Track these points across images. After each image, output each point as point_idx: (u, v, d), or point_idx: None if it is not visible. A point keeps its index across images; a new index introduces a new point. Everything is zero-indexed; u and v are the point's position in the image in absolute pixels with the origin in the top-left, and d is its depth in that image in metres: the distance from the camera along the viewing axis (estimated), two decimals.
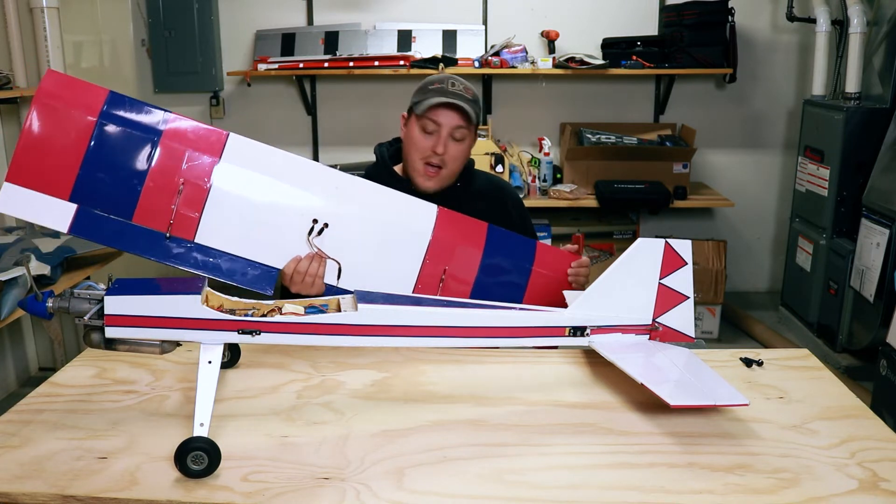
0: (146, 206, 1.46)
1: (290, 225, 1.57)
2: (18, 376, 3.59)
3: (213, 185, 1.50)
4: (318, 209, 1.59)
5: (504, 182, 2.21)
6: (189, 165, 1.48)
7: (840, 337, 3.66)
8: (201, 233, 1.50)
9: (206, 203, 1.50)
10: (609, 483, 1.15)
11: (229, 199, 1.51)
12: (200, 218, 1.50)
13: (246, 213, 1.54)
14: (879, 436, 1.29)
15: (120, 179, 1.45)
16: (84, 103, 1.44)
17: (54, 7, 3.36)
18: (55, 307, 1.23)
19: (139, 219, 1.46)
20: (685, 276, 1.47)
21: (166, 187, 1.47)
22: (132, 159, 1.46)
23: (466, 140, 1.91)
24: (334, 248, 1.59)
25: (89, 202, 1.44)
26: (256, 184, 1.55)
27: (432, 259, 1.67)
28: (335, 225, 1.59)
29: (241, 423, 1.32)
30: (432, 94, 1.87)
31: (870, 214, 3.37)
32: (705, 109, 4.56)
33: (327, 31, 4.41)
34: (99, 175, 1.44)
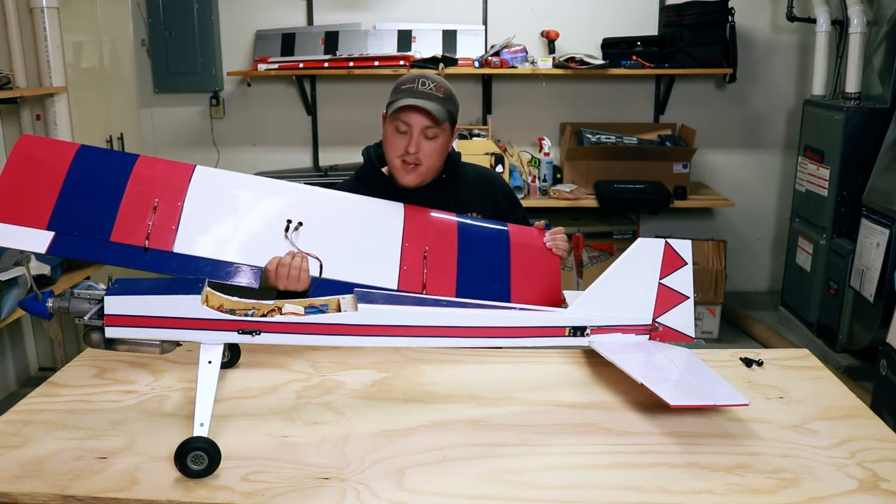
0: (123, 226, 1.54)
1: (266, 227, 1.64)
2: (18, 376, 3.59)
3: (186, 201, 1.58)
4: (291, 212, 1.66)
5: (492, 172, 2.22)
6: (162, 188, 1.58)
7: (840, 337, 3.66)
8: (179, 243, 1.56)
9: (181, 217, 1.57)
10: (609, 483, 1.15)
11: (203, 212, 1.59)
12: (177, 231, 1.56)
13: (221, 222, 1.61)
14: (879, 436, 1.29)
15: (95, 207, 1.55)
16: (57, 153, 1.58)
17: (54, 7, 3.36)
18: (55, 307, 1.23)
19: (117, 237, 1.53)
20: (685, 276, 1.47)
21: (141, 208, 1.55)
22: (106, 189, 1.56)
23: (440, 137, 1.92)
24: (312, 244, 1.63)
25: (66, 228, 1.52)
26: (227, 198, 1.64)
27: (411, 242, 1.71)
28: (309, 224, 1.65)
29: (241, 423, 1.32)
30: (402, 94, 1.88)
31: (870, 214, 3.37)
32: (705, 109, 4.56)
33: (327, 31, 4.41)
34: (75, 206, 1.53)
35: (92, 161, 1.58)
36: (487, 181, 2.10)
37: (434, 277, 1.67)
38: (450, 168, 2.01)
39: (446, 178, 2.00)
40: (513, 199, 2.12)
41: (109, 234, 1.53)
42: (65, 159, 1.55)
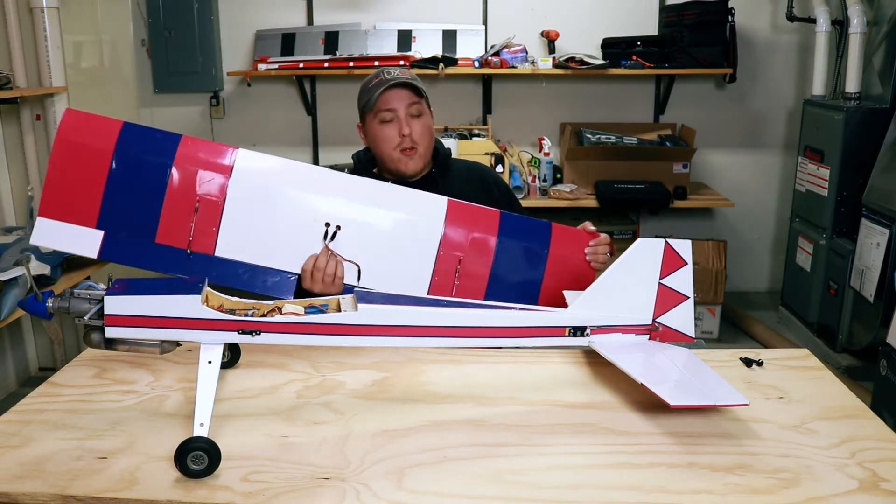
0: (166, 226, 1.56)
1: (305, 230, 1.63)
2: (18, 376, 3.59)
3: (227, 201, 1.58)
4: (329, 212, 1.64)
5: (483, 165, 2.22)
6: (202, 185, 1.57)
7: (840, 337, 3.66)
8: (220, 246, 1.59)
9: (221, 218, 1.58)
10: (609, 483, 1.15)
11: (243, 213, 1.59)
12: (218, 232, 1.58)
13: (260, 223, 1.61)
14: (879, 436, 1.29)
15: (140, 204, 1.56)
16: (100, 135, 1.55)
17: (54, 7, 3.36)
18: (55, 307, 1.23)
19: (161, 238, 1.57)
20: (685, 276, 1.47)
21: (183, 207, 1.56)
22: (149, 184, 1.56)
23: (424, 115, 1.94)
24: (349, 249, 1.64)
25: (114, 227, 1.55)
26: (267, 194, 1.62)
27: (446, 250, 1.69)
28: (347, 226, 1.64)
29: (241, 423, 1.32)
30: (375, 88, 1.91)
31: (870, 214, 3.37)
32: (705, 109, 4.56)
33: (327, 31, 4.41)
34: (120, 202, 1.54)
35: (136, 144, 1.56)
36: (479, 175, 2.10)
37: (464, 288, 1.69)
38: (439, 163, 2.02)
39: (437, 173, 2.00)
40: (507, 192, 2.12)
41: (154, 235, 1.56)
42: (109, 142, 1.53)
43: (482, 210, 1.74)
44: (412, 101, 1.91)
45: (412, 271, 1.67)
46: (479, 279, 1.70)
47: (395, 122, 1.91)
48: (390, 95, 1.90)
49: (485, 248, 1.71)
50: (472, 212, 1.73)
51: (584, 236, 1.82)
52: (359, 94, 1.98)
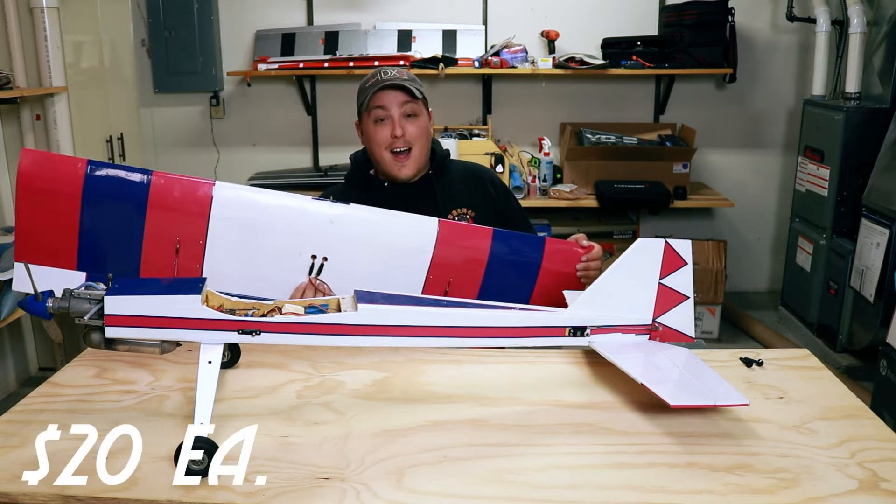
0: (149, 266, 1.55)
1: (290, 264, 1.61)
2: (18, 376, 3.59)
3: (208, 239, 1.55)
4: (315, 245, 1.61)
5: (480, 165, 2.20)
6: (180, 227, 1.54)
7: (840, 337, 3.66)
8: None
9: (204, 256, 1.56)
10: (609, 483, 1.15)
11: (226, 249, 1.57)
12: (202, 269, 1.57)
13: (245, 258, 1.59)
14: (879, 436, 1.29)
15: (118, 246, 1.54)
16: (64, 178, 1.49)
17: (54, 7, 3.36)
18: (55, 307, 1.23)
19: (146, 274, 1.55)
20: (685, 276, 1.47)
21: (163, 248, 1.54)
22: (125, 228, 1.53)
23: (421, 116, 1.93)
24: (336, 280, 1.62)
25: (96, 268, 1.52)
26: (250, 229, 1.59)
27: (435, 275, 1.68)
28: (334, 258, 1.62)
29: (241, 423, 1.32)
30: (370, 87, 1.90)
31: (870, 214, 3.37)
32: (705, 109, 4.56)
33: (327, 31, 4.41)
34: (98, 245, 1.52)
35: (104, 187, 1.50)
36: (476, 175, 2.09)
37: None
38: (437, 164, 2.01)
39: (433, 174, 2.00)
40: (505, 192, 2.11)
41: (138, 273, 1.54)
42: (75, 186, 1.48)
43: (474, 230, 1.73)
44: (406, 101, 1.89)
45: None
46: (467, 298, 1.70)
47: (389, 122, 1.90)
48: (384, 95, 1.89)
49: (475, 269, 1.70)
50: (464, 232, 1.72)
51: (576, 253, 1.80)
52: (357, 93, 1.98)
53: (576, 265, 1.78)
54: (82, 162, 1.50)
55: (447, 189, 1.99)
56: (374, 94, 1.88)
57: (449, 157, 2.08)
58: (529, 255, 1.76)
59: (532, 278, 1.75)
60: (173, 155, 4.63)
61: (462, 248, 1.70)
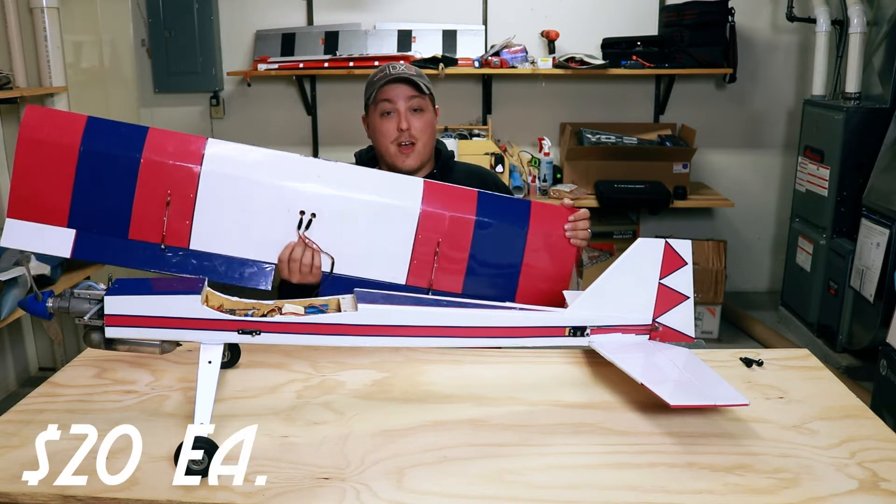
0: (139, 222, 1.53)
1: (279, 220, 1.60)
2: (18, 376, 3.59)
3: (198, 194, 1.54)
4: (304, 201, 1.60)
5: (484, 169, 2.21)
6: (172, 178, 1.53)
7: (840, 337, 3.66)
8: (194, 239, 1.55)
9: (194, 211, 1.55)
10: (609, 483, 1.15)
11: (216, 204, 1.55)
12: (192, 225, 1.55)
13: (234, 214, 1.58)
14: (879, 436, 1.29)
15: (110, 200, 1.52)
16: (65, 131, 1.50)
17: (54, 7, 3.36)
18: (55, 307, 1.23)
19: (134, 234, 1.53)
20: (685, 276, 1.47)
21: (155, 201, 1.53)
22: (118, 180, 1.52)
23: (426, 111, 1.93)
24: (325, 237, 1.60)
25: (86, 225, 1.51)
26: (240, 184, 1.58)
27: (424, 233, 1.65)
28: (322, 213, 1.61)
29: (241, 423, 1.32)
30: (378, 81, 1.92)
31: (870, 214, 3.37)
32: (705, 109, 4.56)
33: (327, 31, 4.41)
34: (90, 199, 1.50)
35: (102, 139, 1.51)
36: (480, 177, 2.09)
37: (442, 271, 1.66)
38: (441, 164, 2.02)
39: (437, 174, 2.00)
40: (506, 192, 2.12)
41: (127, 231, 1.53)
42: (74, 138, 1.49)
43: (459, 190, 1.71)
44: (412, 96, 1.91)
45: (390, 256, 1.65)
46: (458, 261, 1.68)
47: (395, 115, 1.91)
48: (391, 89, 1.90)
49: (463, 229, 1.68)
50: (450, 192, 1.70)
51: (563, 212, 1.76)
52: (365, 87, 1.98)
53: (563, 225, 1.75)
54: (83, 117, 1.51)
55: None
56: (382, 87, 1.89)
57: (453, 157, 2.08)
58: (517, 215, 1.73)
59: (522, 238, 1.72)
60: None
61: (449, 207, 1.68)
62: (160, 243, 1.53)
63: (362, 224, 1.64)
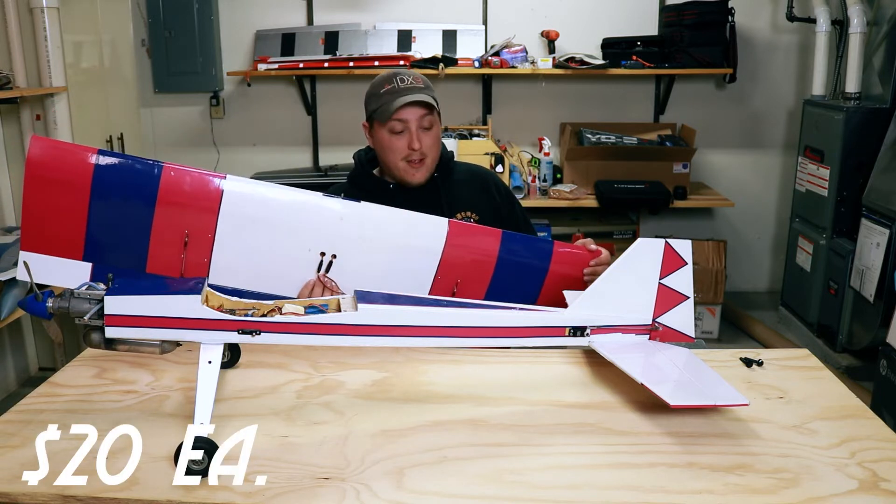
0: (156, 258, 1.53)
1: (299, 260, 1.60)
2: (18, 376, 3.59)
3: (217, 234, 1.54)
4: (325, 242, 1.60)
5: (485, 169, 2.20)
6: (190, 219, 1.52)
7: (840, 337, 3.66)
8: (213, 275, 1.56)
9: (213, 251, 1.55)
10: (609, 483, 1.15)
11: (235, 244, 1.55)
12: (210, 263, 1.55)
13: (253, 254, 1.58)
14: (879, 436, 1.29)
15: (126, 237, 1.51)
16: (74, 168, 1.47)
17: (54, 7, 3.36)
18: (55, 307, 1.23)
19: (152, 268, 1.53)
20: (685, 276, 1.47)
21: (172, 240, 1.52)
22: (133, 219, 1.51)
23: (434, 126, 1.93)
24: (344, 278, 1.61)
25: (102, 259, 1.50)
26: (260, 225, 1.57)
27: (444, 276, 1.67)
28: (343, 255, 1.61)
29: (241, 423, 1.32)
30: (388, 97, 1.88)
31: (870, 214, 3.37)
32: (705, 109, 4.56)
33: (327, 31, 4.41)
34: (105, 234, 1.50)
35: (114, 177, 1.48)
36: (480, 178, 2.09)
37: None
38: (442, 167, 2.01)
39: (438, 177, 2.00)
40: (509, 195, 2.11)
41: (144, 265, 1.52)
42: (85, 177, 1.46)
43: (484, 231, 1.72)
44: (424, 115, 1.89)
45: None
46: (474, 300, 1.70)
47: (406, 134, 1.89)
48: (405, 111, 1.88)
49: (483, 271, 1.69)
50: (474, 233, 1.71)
51: (585, 257, 1.78)
52: (368, 95, 1.95)
53: (583, 270, 1.77)
54: (92, 151, 1.48)
55: (452, 192, 1.98)
56: (397, 109, 1.86)
57: (453, 158, 2.08)
58: (538, 258, 1.75)
59: (539, 281, 1.74)
60: (173, 155, 4.63)
61: (471, 249, 1.69)
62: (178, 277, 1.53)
63: (382, 266, 1.64)
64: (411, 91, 1.87)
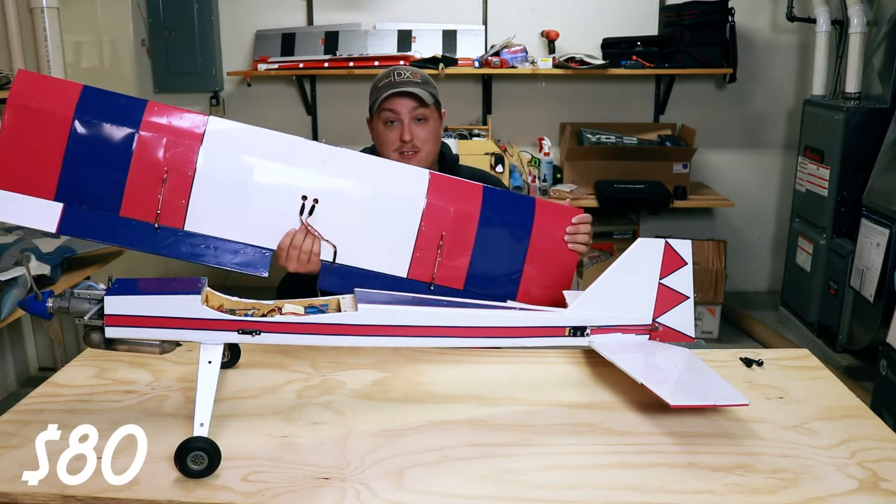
0: (132, 199, 1.45)
1: (280, 204, 1.54)
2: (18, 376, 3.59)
3: (197, 171, 1.47)
4: (307, 185, 1.55)
5: (488, 173, 2.20)
6: (170, 154, 1.46)
7: (840, 337, 3.66)
8: (190, 220, 1.48)
9: (191, 190, 1.48)
10: (609, 483, 1.15)
11: (215, 184, 1.49)
12: (188, 205, 1.48)
13: (233, 196, 1.51)
14: (879, 436, 1.29)
15: (102, 174, 1.44)
16: (58, 100, 1.43)
17: (54, 7, 3.36)
18: (55, 307, 1.23)
19: (126, 212, 1.46)
20: (685, 276, 1.47)
21: (150, 178, 1.45)
22: (113, 153, 1.44)
23: (430, 121, 1.93)
24: (326, 224, 1.55)
25: (75, 200, 1.43)
26: (241, 165, 1.51)
27: (428, 225, 1.61)
28: (325, 200, 1.55)
29: (241, 423, 1.32)
30: (383, 89, 1.91)
31: (870, 214, 3.37)
32: (705, 109, 4.56)
33: (327, 31, 4.41)
34: (81, 172, 1.43)
35: (98, 110, 1.44)
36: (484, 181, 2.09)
37: (445, 266, 1.62)
38: (445, 168, 2.01)
39: None
40: None
41: (119, 207, 1.45)
42: (68, 108, 1.42)
43: (465, 184, 1.68)
44: (416, 107, 1.90)
45: (393, 248, 1.60)
46: (461, 256, 1.64)
47: (398, 125, 1.91)
48: (395, 101, 1.89)
49: (468, 224, 1.64)
50: (455, 185, 1.67)
51: (567, 213, 1.75)
52: (370, 90, 1.97)
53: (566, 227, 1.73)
54: (78, 86, 1.45)
55: None
56: (386, 97, 1.88)
57: (458, 161, 2.08)
58: (521, 212, 1.71)
59: (526, 233, 1.69)
60: None
61: (454, 200, 1.65)
62: (153, 223, 1.46)
63: (365, 213, 1.58)
64: (406, 84, 1.89)
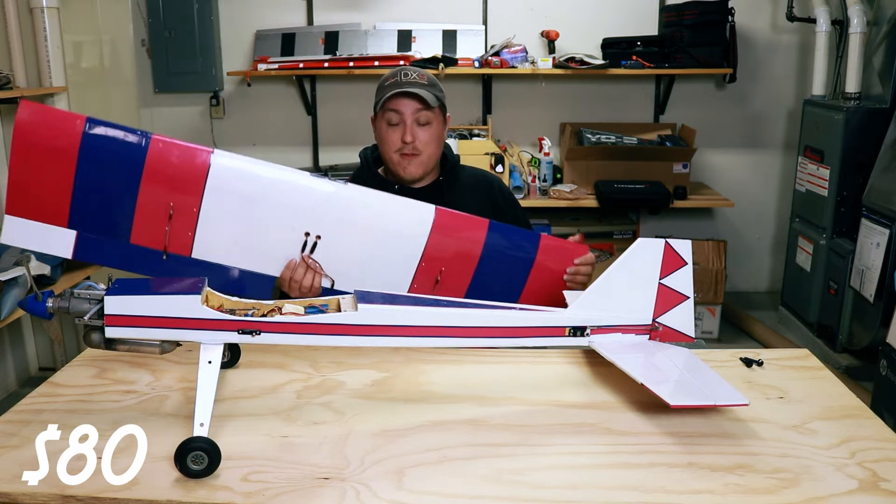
0: (140, 229, 1.53)
1: (284, 239, 1.60)
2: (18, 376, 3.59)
3: (202, 207, 1.54)
4: (310, 222, 1.61)
5: (491, 174, 2.20)
6: (176, 192, 1.52)
7: (840, 337, 3.66)
8: (197, 249, 1.56)
9: (197, 224, 1.55)
10: (609, 483, 1.15)
11: (220, 219, 1.56)
12: (194, 237, 1.55)
13: (238, 230, 1.58)
14: (879, 436, 1.29)
15: (112, 204, 1.51)
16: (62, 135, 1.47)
17: (54, 7, 3.36)
18: (55, 307, 1.23)
19: (136, 239, 1.54)
20: (685, 276, 1.47)
21: (157, 212, 1.53)
22: (120, 188, 1.51)
23: (433, 123, 1.93)
24: (328, 259, 1.61)
25: (87, 227, 1.50)
26: (246, 201, 1.57)
27: (428, 262, 1.66)
28: (327, 236, 1.61)
29: (241, 423, 1.32)
30: (388, 88, 1.90)
31: (870, 214, 3.37)
32: (705, 109, 4.56)
33: (327, 31, 4.41)
34: (91, 201, 1.49)
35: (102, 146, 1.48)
36: (486, 184, 2.09)
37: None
38: (448, 170, 2.01)
39: (443, 181, 2.00)
40: (513, 202, 2.11)
41: (129, 235, 1.53)
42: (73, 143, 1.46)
43: (470, 219, 1.71)
44: (419, 109, 1.89)
45: (388, 281, 1.65)
46: (457, 291, 1.70)
47: (400, 126, 1.90)
48: (399, 101, 1.89)
49: (468, 260, 1.69)
50: (461, 220, 1.70)
51: (572, 252, 1.78)
52: (376, 90, 1.97)
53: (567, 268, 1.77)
54: (81, 119, 1.48)
55: (456, 198, 1.97)
56: (390, 97, 1.88)
57: (459, 162, 2.08)
58: (524, 250, 1.74)
59: (524, 274, 1.73)
60: None
61: (457, 238, 1.69)
62: (162, 251, 1.54)
63: (366, 249, 1.64)
64: (411, 85, 1.88)
